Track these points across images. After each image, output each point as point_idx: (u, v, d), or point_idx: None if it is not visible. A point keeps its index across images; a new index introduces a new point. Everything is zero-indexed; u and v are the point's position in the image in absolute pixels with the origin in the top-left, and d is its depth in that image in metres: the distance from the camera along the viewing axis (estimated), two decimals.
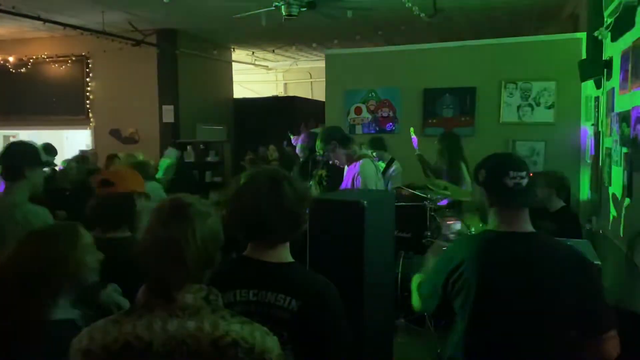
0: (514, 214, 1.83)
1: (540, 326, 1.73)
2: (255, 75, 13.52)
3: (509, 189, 1.79)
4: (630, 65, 3.57)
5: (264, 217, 1.59)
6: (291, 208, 1.61)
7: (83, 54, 9.38)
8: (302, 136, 5.61)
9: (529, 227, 1.84)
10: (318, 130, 5.58)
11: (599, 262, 3.09)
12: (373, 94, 7.18)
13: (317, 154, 4.20)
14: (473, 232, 4.26)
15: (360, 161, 3.96)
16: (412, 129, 5.66)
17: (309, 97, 12.89)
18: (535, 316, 1.72)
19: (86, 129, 9.68)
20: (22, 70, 9.49)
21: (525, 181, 1.80)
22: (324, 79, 7.66)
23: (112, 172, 2.43)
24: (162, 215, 1.37)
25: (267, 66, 13.09)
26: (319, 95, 10.62)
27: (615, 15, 3.82)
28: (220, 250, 1.43)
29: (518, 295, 1.74)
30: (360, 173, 3.87)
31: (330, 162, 4.16)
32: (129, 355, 1.28)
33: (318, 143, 4.06)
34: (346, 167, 4.10)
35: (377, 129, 7.11)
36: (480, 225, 4.51)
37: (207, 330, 1.30)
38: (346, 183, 4.01)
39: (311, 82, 13.58)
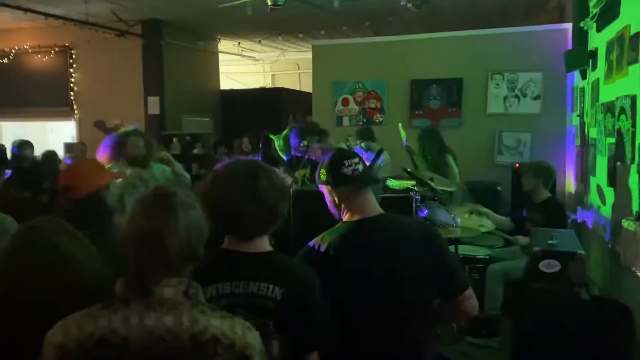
0: (361, 200, 1.94)
1: (401, 296, 1.83)
2: (242, 67, 13.42)
3: (349, 177, 1.91)
4: (614, 56, 3.58)
5: (240, 209, 1.57)
6: (268, 200, 1.59)
7: (66, 44, 9.24)
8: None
9: (377, 210, 1.96)
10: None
11: (582, 252, 3.12)
12: (360, 85, 7.16)
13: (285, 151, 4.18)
14: (458, 222, 4.27)
15: None
16: (401, 130, 5.57)
17: (297, 88, 12.83)
18: (394, 288, 1.82)
19: (70, 120, 9.56)
20: (4, 61, 9.33)
21: (360, 166, 1.95)
22: (312, 70, 7.62)
23: (71, 174, 2.21)
24: (144, 205, 1.33)
25: (254, 57, 12.99)
26: (307, 86, 10.56)
27: (600, 6, 3.82)
28: (205, 245, 1.39)
29: (376, 272, 1.82)
30: None
31: (307, 157, 4.16)
32: (105, 350, 1.25)
33: (279, 144, 4.03)
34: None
35: (365, 120, 7.09)
36: (466, 216, 4.54)
37: (185, 326, 1.27)
38: None
39: (299, 73, 13.51)
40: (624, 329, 2.75)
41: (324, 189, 2.01)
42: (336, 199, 1.96)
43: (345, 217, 1.96)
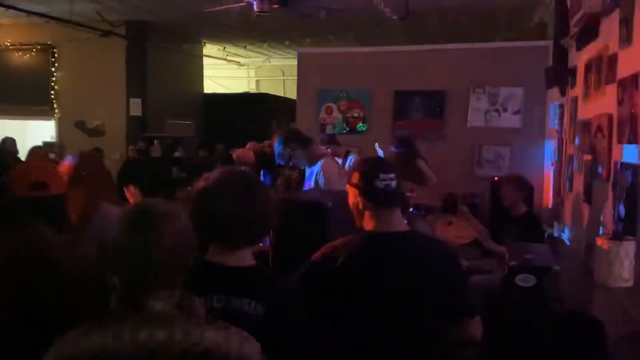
0: (387, 213, 1.91)
1: (413, 315, 1.83)
2: (227, 71, 13.39)
3: (380, 191, 1.88)
4: (592, 75, 3.66)
5: (236, 218, 1.56)
6: (262, 210, 1.60)
7: (49, 42, 9.13)
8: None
9: (402, 227, 1.94)
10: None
11: (558, 267, 3.16)
12: (344, 94, 7.19)
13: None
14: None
15: (322, 160, 3.95)
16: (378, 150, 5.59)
17: (281, 94, 12.84)
18: (407, 306, 1.83)
19: (50, 119, 9.43)
20: None
21: (394, 183, 1.91)
22: (297, 77, 7.63)
23: (43, 171, 2.15)
24: (127, 221, 1.34)
25: (239, 62, 12.98)
26: (291, 93, 10.59)
27: (580, 26, 3.91)
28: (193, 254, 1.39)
29: (390, 290, 1.82)
30: (323, 172, 3.86)
31: (291, 164, 4.15)
32: None
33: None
34: (307, 168, 4.09)
35: (348, 129, 7.12)
36: (447, 225, 4.58)
37: (178, 339, 1.25)
38: (308, 184, 4.00)
39: (283, 79, 13.53)
40: (597, 344, 2.80)
41: (350, 191, 1.98)
42: (361, 205, 1.94)
43: (368, 227, 1.94)
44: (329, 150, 4.32)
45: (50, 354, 1.26)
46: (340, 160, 5.48)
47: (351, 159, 5.60)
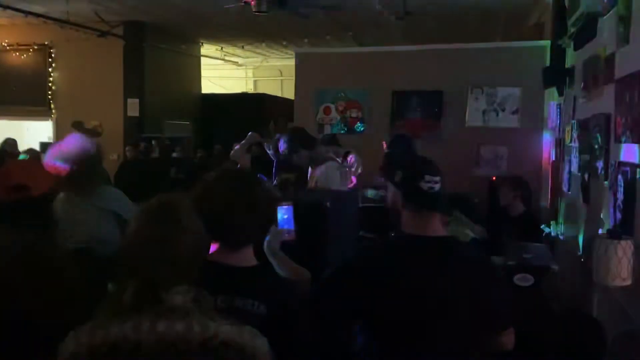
0: (426, 217, 1.85)
1: (446, 324, 1.76)
2: (224, 71, 13.38)
3: (423, 193, 1.82)
4: (590, 75, 3.66)
5: (237, 218, 1.56)
6: (263, 210, 1.60)
7: (46, 43, 9.11)
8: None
9: (439, 231, 1.87)
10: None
11: (556, 267, 3.17)
12: (342, 94, 7.19)
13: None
14: None
15: (325, 164, 3.94)
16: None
17: (279, 94, 12.83)
18: (441, 316, 1.76)
19: (47, 120, 9.41)
20: None
21: (438, 186, 1.85)
22: (294, 78, 7.63)
23: (23, 173, 2.14)
24: (150, 215, 1.36)
25: (236, 62, 12.97)
26: (289, 93, 10.59)
27: (578, 25, 3.91)
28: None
29: (425, 297, 1.75)
30: (325, 177, 3.84)
31: (294, 164, 4.13)
32: (117, 357, 1.25)
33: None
34: (310, 169, 4.08)
35: (346, 129, 7.12)
36: (449, 228, 4.57)
37: (196, 331, 1.28)
38: (309, 186, 3.98)
39: (281, 80, 13.53)
40: (595, 343, 2.80)
41: (391, 187, 1.92)
42: (400, 205, 1.88)
43: (405, 228, 1.87)
44: (332, 154, 4.30)
45: (67, 344, 1.27)
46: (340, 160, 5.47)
47: (352, 159, 5.59)
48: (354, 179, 5.28)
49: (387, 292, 1.73)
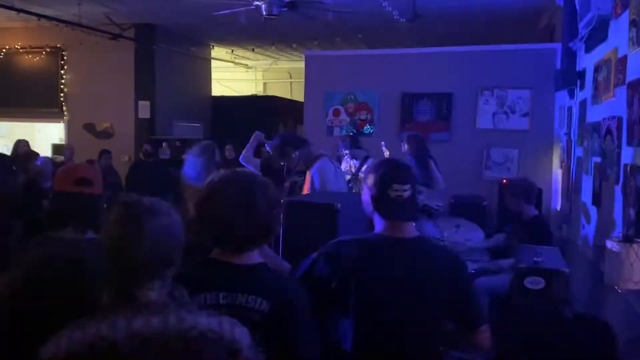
0: (397, 223, 1.89)
1: (416, 317, 1.84)
2: (234, 73, 13.44)
3: (391, 201, 1.86)
4: (602, 77, 3.65)
5: (234, 224, 1.56)
6: (263, 215, 1.58)
7: (58, 45, 9.19)
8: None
9: (412, 232, 1.92)
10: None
11: (567, 270, 3.15)
12: (352, 96, 7.20)
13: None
14: (445, 236, 4.29)
15: (318, 162, 3.95)
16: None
17: (288, 97, 12.86)
18: (411, 309, 1.84)
19: (59, 122, 9.49)
20: None
21: (407, 194, 1.86)
22: (304, 80, 7.65)
23: (89, 170, 2.22)
24: (114, 215, 1.37)
25: (246, 65, 13.02)
26: (298, 95, 10.60)
27: (589, 28, 3.90)
28: (183, 251, 1.40)
29: (396, 293, 1.83)
30: (318, 173, 3.86)
31: (289, 167, 4.16)
32: (94, 357, 1.26)
33: None
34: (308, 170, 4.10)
35: (355, 131, 7.12)
36: (454, 230, 4.57)
37: (172, 325, 1.29)
38: (307, 186, 4.00)
39: (290, 82, 13.56)
40: (606, 347, 2.79)
41: (366, 189, 1.96)
42: (371, 208, 1.93)
43: (378, 229, 1.92)
44: (322, 150, 4.31)
45: (47, 348, 1.28)
46: (355, 162, 5.49)
47: (369, 164, 5.60)
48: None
49: (362, 277, 1.80)
